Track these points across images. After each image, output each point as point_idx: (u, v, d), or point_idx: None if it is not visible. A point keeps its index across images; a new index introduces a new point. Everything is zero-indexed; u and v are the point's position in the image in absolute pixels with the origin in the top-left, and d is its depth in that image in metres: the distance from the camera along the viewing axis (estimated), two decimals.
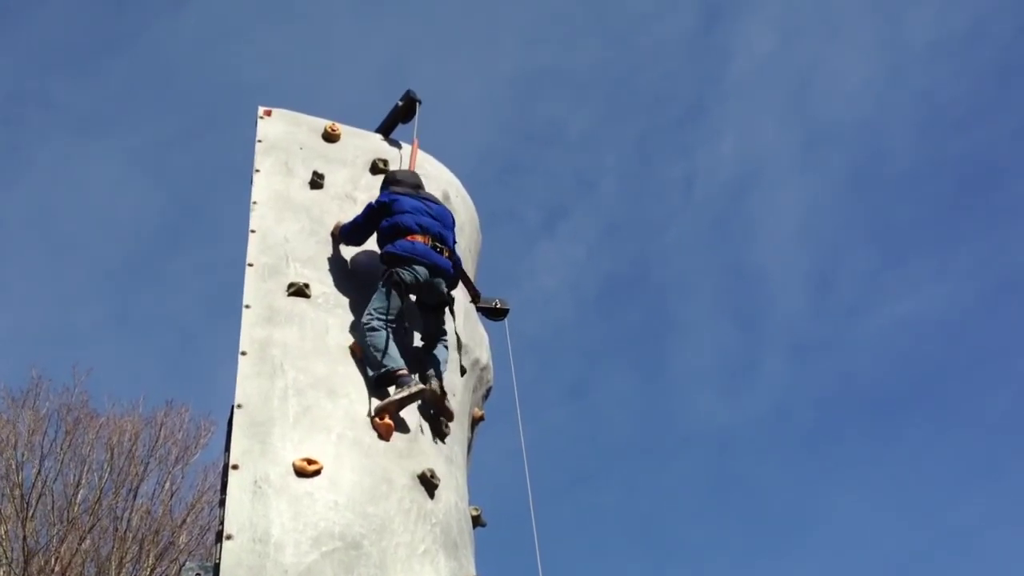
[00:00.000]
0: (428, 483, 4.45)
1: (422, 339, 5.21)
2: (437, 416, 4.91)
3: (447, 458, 4.84)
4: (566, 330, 32.63)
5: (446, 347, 5.21)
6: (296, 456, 4.20)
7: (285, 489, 4.06)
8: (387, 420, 4.58)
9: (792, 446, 32.42)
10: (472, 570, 4.47)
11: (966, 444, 31.79)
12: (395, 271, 5.04)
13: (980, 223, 32.64)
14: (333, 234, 5.58)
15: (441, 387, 4.90)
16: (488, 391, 5.99)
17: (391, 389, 4.69)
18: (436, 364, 5.04)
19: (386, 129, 6.68)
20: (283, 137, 6.15)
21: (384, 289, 5.02)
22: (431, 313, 5.25)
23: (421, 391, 4.69)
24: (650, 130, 35.25)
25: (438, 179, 6.44)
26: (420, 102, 6.59)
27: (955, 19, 32.19)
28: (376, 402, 4.64)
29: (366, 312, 4.97)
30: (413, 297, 5.21)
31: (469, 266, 6.40)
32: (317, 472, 4.16)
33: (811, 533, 30.34)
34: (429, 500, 4.41)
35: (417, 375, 4.83)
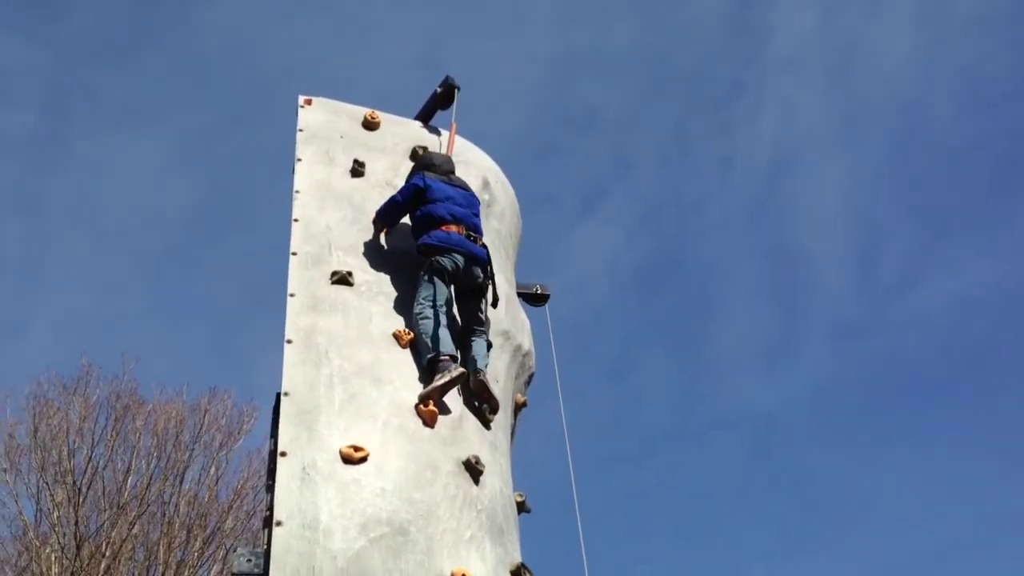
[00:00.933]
0: (473, 469, 4.47)
1: (461, 326, 5.23)
2: (483, 405, 4.92)
3: (491, 444, 4.85)
4: (605, 313, 32.56)
5: (485, 336, 5.23)
6: (343, 443, 4.23)
7: (332, 476, 4.10)
8: (431, 407, 4.61)
9: (834, 428, 32.12)
10: (518, 556, 4.48)
11: (1014, 425, 31.24)
12: (435, 259, 5.11)
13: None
14: (374, 221, 5.62)
15: (487, 379, 4.91)
16: (531, 377, 5.99)
17: (435, 376, 4.72)
18: (480, 355, 5.05)
19: (425, 116, 6.68)
20: (324, 126, 6.18)
21: (427, 277, 5.08)
22: (468, 301, 5.28)
23: (461, 375, 4.72)
24: (688, 110, 34.94)
25: (478, 165, 6.44)
26: (459, 88, 6.59)
27: None
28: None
29: (415, 302, 5.02)
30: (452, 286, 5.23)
31: (511, 252, 6.40)
32: (363, 459, 4.19)
33: (854, 516, 30.03)
34: (474, 486, 4.43)
35: (459, 361, 4.85)
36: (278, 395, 5.03)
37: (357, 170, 5.90)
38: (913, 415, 31.79)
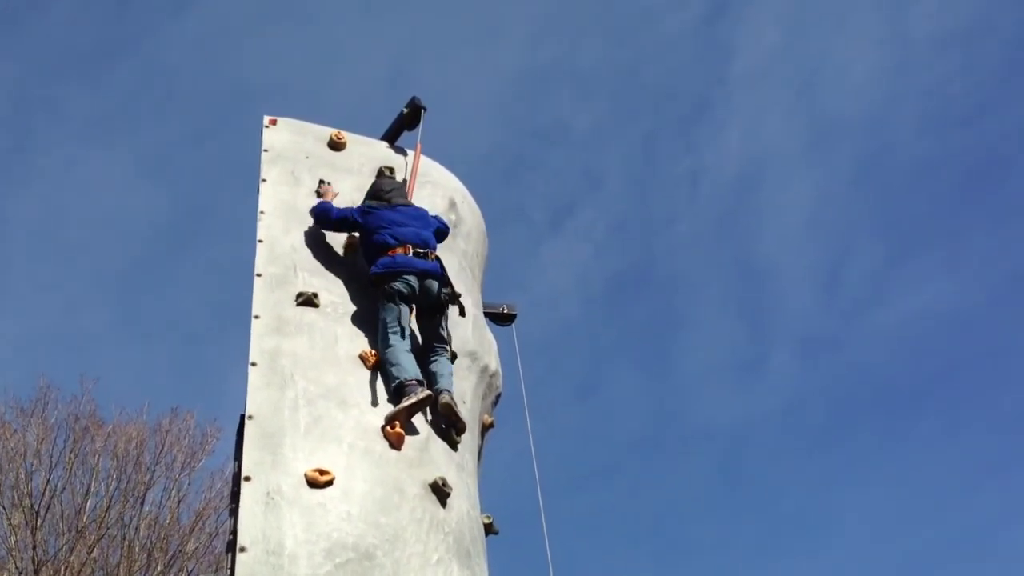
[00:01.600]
0: (440, 492, 4.45)
1: (422, 344, 5.23)
2: (450, 428, 4.90)
3: (458, 466, 4.83)
4: (573, 329, 32.62)
5: (448, 352, 5.23)
6: (308, 467, 4.19)
7: (297, 500, 4.06)
8: (398, 429, 4.59)
9: (802, 443, 32.37)
10: None
11: (979, 440, 31.68)
12: (387, 286, 5.14)
13: (988, 217, 32.54)
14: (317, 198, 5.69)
15: (453, 401, 4.90)
16: (498, 397, 5.98)
17: (402, 399, 4.70)
18: (444, 375, 5.05)
19: (391, 136, 6.67)
20: (289, 146, 6.15)
21: (384, 304, 5.11)
22: (429, 318, 5.29)
23: (428, 397, 4.73)
24: (656, 126, 35.24)
25: (444, 186, 6.44)
26: (425, 109, 6.58)
27: (960, 13, 32.14)
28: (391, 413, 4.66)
29: (379, 330, 5.04)
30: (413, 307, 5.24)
31: (477, 273, 6.40)
32: (329, 483, 4.15)
33: (822, 531, 30.27)
34: (441, 509, 4.40)
35: (423, 384, 4.84)
36: (242, 416, 4.98)
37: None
38: (881, 429, 32.14)
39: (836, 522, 30.19)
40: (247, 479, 4.11)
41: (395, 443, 4.52)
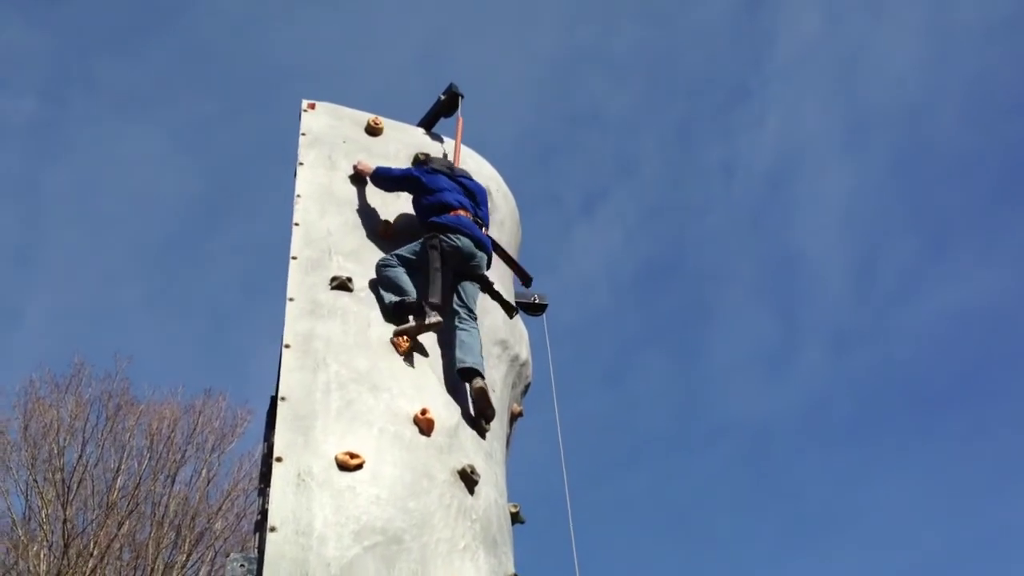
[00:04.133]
0: (468, 479, 4.46)
1: (453, 308, 5.20)
2: (480, 413, 4.91)
3: (487, 454, 4.84)
4: (602, 317, 32.53)
5: (478, 330, 5.19)
6: (338, 450, 4.21)
7: (328, 483, 4.08)
8: (405, 342, 4.78)
9: (831, 438, 32.07)
10: (511, 568, 4.47)
11: (1007, 440, 31.27)
12: (439, 236, 5.24)
13: None
14: (359, 171, 5.79)
15: (486, 386, 4.92)
16: (527, 387, 5.98)
17: (411, 318, 4.88)
18: (473, 352, 5.02)
19: (428, 123, 6.68)
20: (326, 131, 6.18)
21: (420, 244, 5.22)
22: (466, 287, 5.31)
23: (438, 323, 4.87)
24: (691, 113, 34.97)
25: (479, 174, 6.43)
26: (463, 96, 6.58)
27: (1003, 2, 31.54)
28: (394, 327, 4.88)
29: (391, 252, 5.19)
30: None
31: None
32: (359, 466, 4.17)
33: (849, 527, 30.03)
34: (469, 496, 4.41)
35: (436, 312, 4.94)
36: (273, 398, 5.02)
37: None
38: (910, 426, 31.82)
39: (860, 519, 29.97)
40: (279, 460, 4.14)
41: (425, 429, 4.54)
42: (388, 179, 5.72)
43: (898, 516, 29.50)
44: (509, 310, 5.59)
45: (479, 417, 4.91)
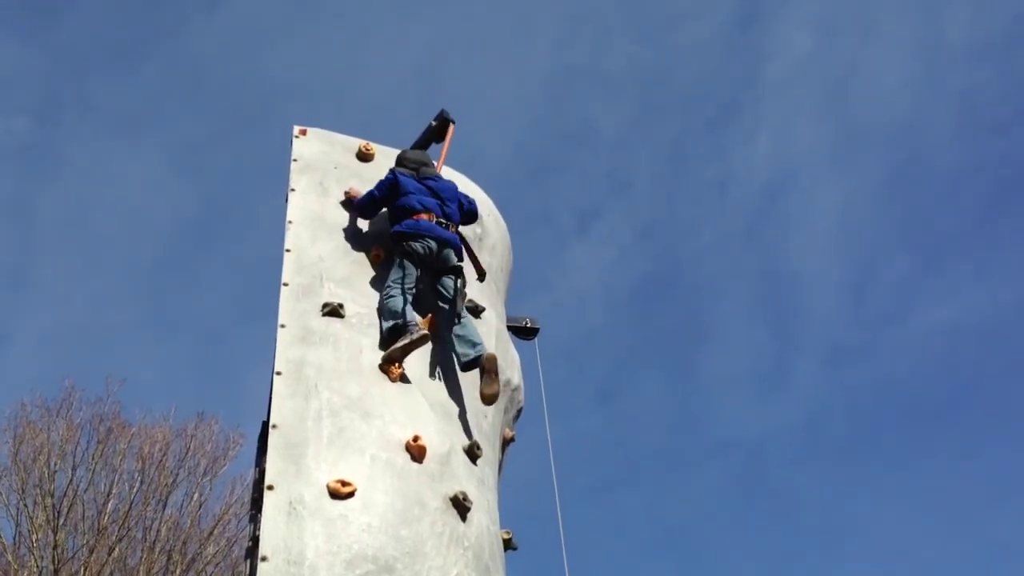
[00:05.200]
0: (460, 506, 4.45)
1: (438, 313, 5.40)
2: (483, 374, 5.08)
3: (479, 480, 4.84)
4: (597, 333, 32.55)
5: (468, 319, 5.40)
6: (330, 478, 4.21)
7: (319, 511, 4.07)
8: (396, 369, 4.85)
9: (825, 454, 32.07)
10: None
11: (1002, 456, 31.28)
12: (406, 244, 5.41)
13: (1019, 228, 32.14)
14: (347, 201, 5.87)
15: (495, 356, 5.15)
16: (519, 411, 5.99)
17: (399, 339, 4.95)
18: (473, 333, 5.26)
19: (420, 148, 6.70)
20: (318, 157, 6.20)
21: (397, 262, 5.38)
22: (441, 283, 5.48)
23: (424, 337, 4.98)
24: (684, 130, 35.13)
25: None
26: (454, 122, 6.62)
27: (994, 19, 31.81)
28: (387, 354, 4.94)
29: (384, 285, 5.29)
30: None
31: (501, 286, 6.41)
32: (351, 494, 4.17)
33: (844, 544, 29.96)
34: (461, 523, 4.41)
35: (419, 324, 5.06)
36: (264, 423, 5.01)
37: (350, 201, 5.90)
38: (904, 442, 31.82)
39: (855, 534, 29.90)
40: (270, 488, 4.13)
41: (417, 456, 4.53)
42: (368, 201, 5.77)
43: (893, 531, 29.49)
44: (481, 273, 5.79)
45: (485, 387, 5.04)
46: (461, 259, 5.59)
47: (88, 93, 31.33)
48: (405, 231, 5.46)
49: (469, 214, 5.93)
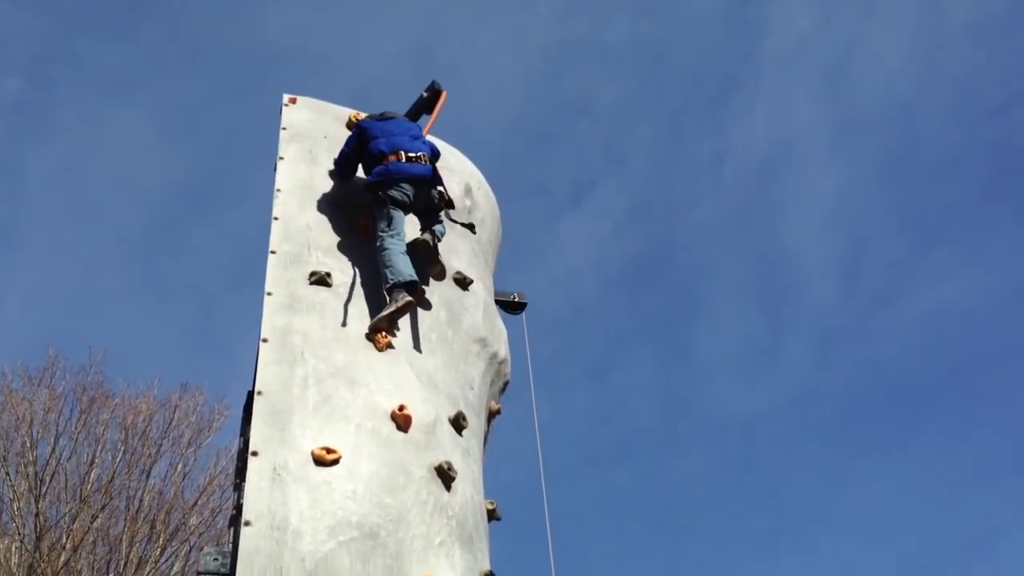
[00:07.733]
0: (445, 475, 4.46)
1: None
2: (424, 265, 5.21)
3: (464, 451, 4.84)
4: (588, 308, 32.54)
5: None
6: (315, 445, 4.21)
7: (304, 477, 4.07)
8: (383, 338, 4.85)
9: (815, 435, 32.18)
10: (487, 564, 4.47)
11: (990, 441, 31.52)
12: (384, 194, 5.41)
13: (1013, 213, 32.15)
14: (333, 176, 5.86)
15: (434, 239, 5.29)
16: (505, 385, 5.99)
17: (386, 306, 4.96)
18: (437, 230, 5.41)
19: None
20: (308, 125, 6.16)
21: (381, 211, 5.37)
22: (426, 223, 5.55)
23: (409, 303, 4.96)
24: (682, 106, 34.90)
25: (460, 171, 6.44)
26: (445, 92, 6.56)
27: (993, 1, 31.71)
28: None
29: (375, 235, 5.29)
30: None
31: (490, 260, 6.40)
32: (335, 461, 4.17)
33: (832, 524, 30.19)
34: (446, 493, 4.42)
35: (417, 284, 5.09)
36: (250, 393, 5.00)
37: None
38: (895, 424, 31.98)
39: (844, 516, 30.14)
40: (254, 454, 4.13)
41: (403, 425, 4.54)
42: (342, 159, 5.78)
43: (882, 513, 29.71)
44: (448, 203, 5.80)
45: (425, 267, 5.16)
46: (438, 183, 5.61)
47: (80, 54, 31.00)
48: (377, 180, 5.46)
49: (434, 155, 5.87)
